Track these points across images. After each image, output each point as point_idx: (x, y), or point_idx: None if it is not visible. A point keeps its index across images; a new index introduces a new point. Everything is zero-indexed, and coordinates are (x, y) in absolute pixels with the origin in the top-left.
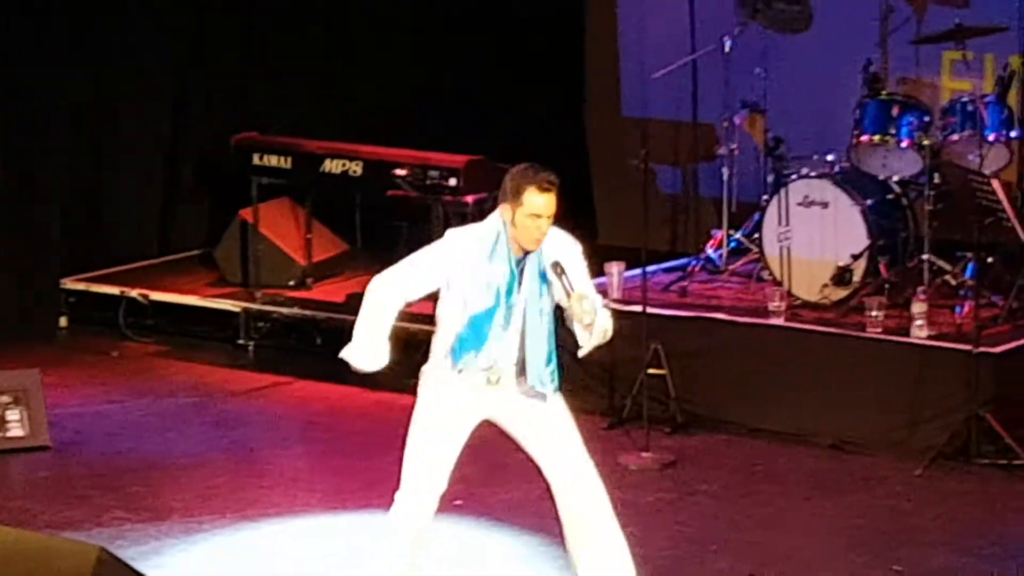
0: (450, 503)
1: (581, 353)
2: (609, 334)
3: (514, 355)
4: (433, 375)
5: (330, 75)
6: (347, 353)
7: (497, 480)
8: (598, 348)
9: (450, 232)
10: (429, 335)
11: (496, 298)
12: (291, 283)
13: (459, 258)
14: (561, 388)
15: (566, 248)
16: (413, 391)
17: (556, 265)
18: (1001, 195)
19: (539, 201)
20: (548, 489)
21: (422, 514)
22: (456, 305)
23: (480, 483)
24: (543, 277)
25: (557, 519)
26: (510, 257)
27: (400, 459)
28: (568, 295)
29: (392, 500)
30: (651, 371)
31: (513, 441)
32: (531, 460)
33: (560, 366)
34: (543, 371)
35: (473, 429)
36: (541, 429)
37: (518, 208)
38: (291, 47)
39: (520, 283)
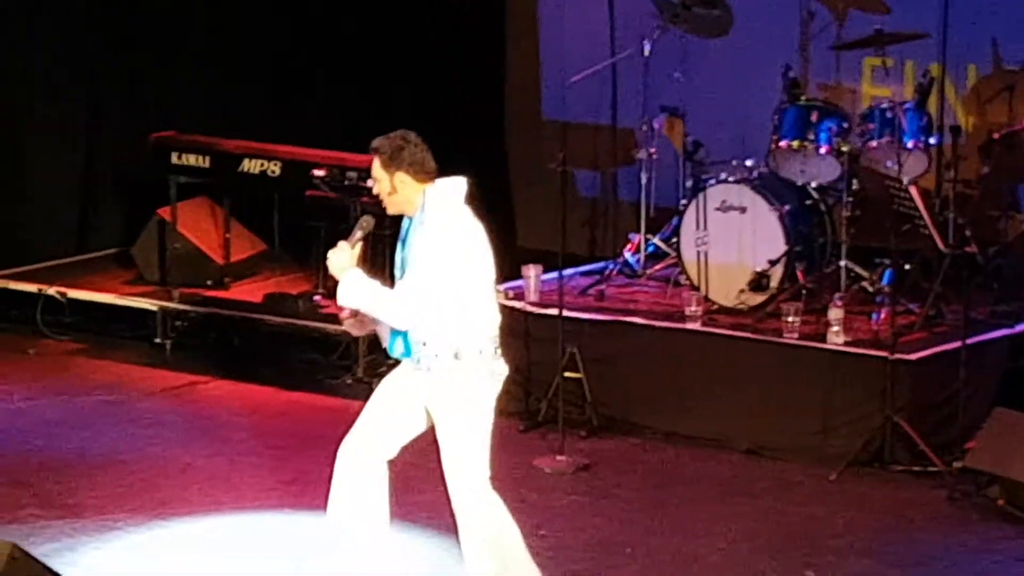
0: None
1: None
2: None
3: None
4: None
5: (249, 74)
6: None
7: (414, 483)
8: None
9: None
10: (345, 335)
11: None
12: (209, 282)
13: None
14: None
15: (433, 230)
16: (329, 391)
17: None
18: (919, 202)
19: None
20: None
21: (358, 460)
22: None
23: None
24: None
25: None
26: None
27: (317, 459)
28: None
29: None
30: (567, 374)
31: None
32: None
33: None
34: (410, 339)
35: (415, 406)
36: (438, 435)
37: None
38: (210, 45)
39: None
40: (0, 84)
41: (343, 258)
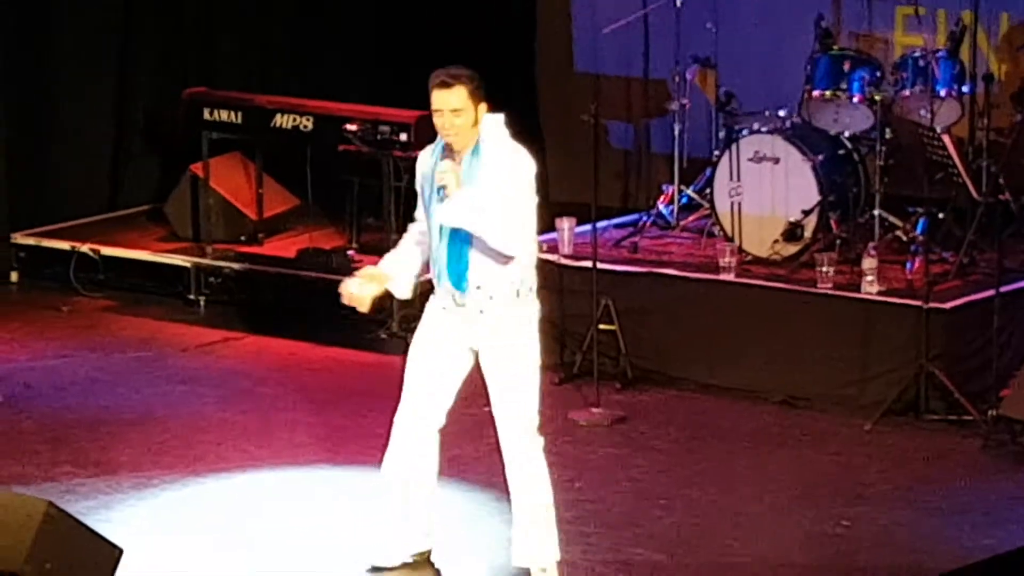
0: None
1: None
2: (490, 240)
3: (445, 265)
4: (429, 301)
5: (281, 29)
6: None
7: (447, 437)
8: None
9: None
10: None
11: (428, 203)
12: (242, 238)
13: (418, 171)
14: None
15: (499, 161)
16: (362, 346)
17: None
18: (952, 150)
19: (436, 98)
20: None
21: (410, 451)
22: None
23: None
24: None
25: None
26: (437, 160)
27: (351, 414)
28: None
29: (353, 451)
30: (602, 327)
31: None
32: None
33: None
34: (455, 269)
35: (462, 362)
36: (494, 382)
37: (433, 108)
38: (243, 1)
39: (435, 186)
40: (31, 41)
41: (454, 175)
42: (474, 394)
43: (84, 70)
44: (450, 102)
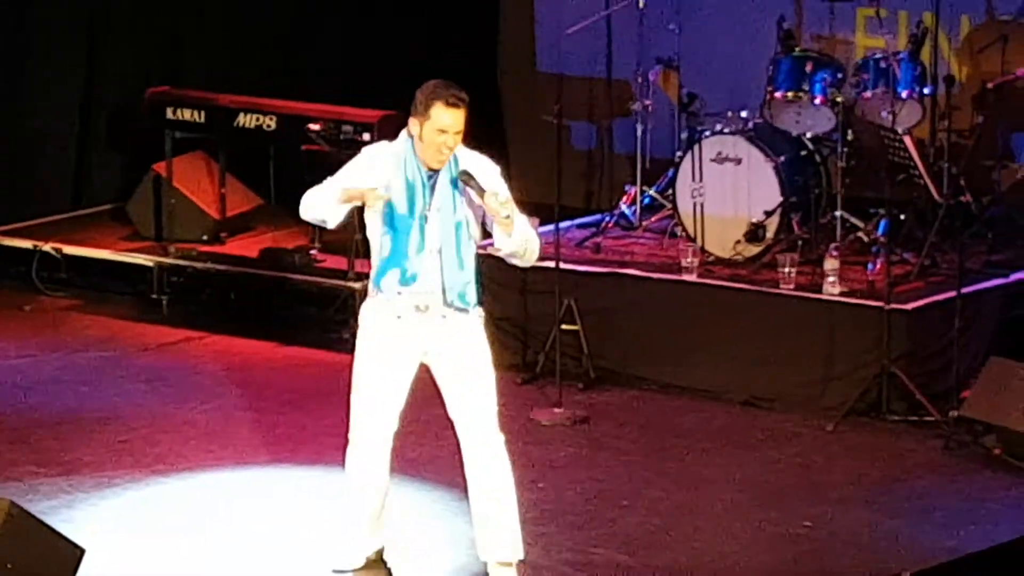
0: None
1: (498, 250)
2: (531, 244)
3: (436, 276)
4: (366, 308)
5: (244, 28)
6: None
7: (413, 434)
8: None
9: (365, 148)
10: (343, 289)
11: (410, 213)
12: (205, 238)
13: (377, 170)
14: (481, 304)
15: (484, 168)
16: (326, 346)
17: (463, 173)
18: (913, 152)
19: (446, 117)
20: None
21: (373, 456)
22: (376, 224)
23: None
24: (455, 188)
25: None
26: (420, 172)
27: (315, 414)
28: (481, 195)
29: (316, 451)
30: (564, 327)
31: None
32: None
33: (480, 285)
34: (461, 287)
35: (414, 366)
36: (458, 381)
37: (426, 122)
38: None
39: (432, 199)
40: None
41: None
42: (429, 397)
43: (49, 69)
44: (459, 123)
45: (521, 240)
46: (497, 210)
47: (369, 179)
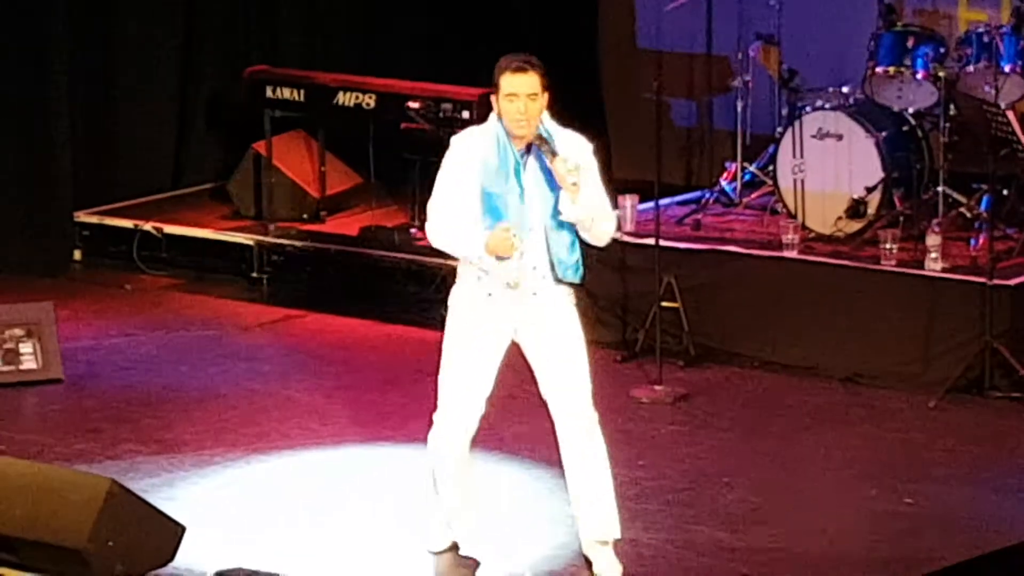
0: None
1: (564, 217)
2: (600, 218)
3: (537, 252)
4: (457, 291)
5: (341, 5)
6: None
7: (511, 412)
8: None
9: (453, 138)
10: (442, 267)
11: (506, 191)
12: (305, 216)
13: (473, 156)
14: (584, 281)
15: (577, 145)
16: (425, 324)
17: (538, 137)
18: (1016, 126)
19: (513, 81)
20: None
21: (459, 439)
22: (476, 207)
23: (493, 415)
24: (540, 160)
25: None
26: (511, 149)
27: (414, 392)
28: (552, 158)
29: (415, 429)
30: (664, 304)
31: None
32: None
33: (584, 259)
34: (568, 261)
35: (504, 347)
36: (550, 360)
37: (500, 94)
38: None
39: (524, 174)
40: (93, 19)
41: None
42: (526, 375)
43: (148, 50)
44: (528, 86)
45: (587, 210)
46: (563, 175)
47: (467, 169)
